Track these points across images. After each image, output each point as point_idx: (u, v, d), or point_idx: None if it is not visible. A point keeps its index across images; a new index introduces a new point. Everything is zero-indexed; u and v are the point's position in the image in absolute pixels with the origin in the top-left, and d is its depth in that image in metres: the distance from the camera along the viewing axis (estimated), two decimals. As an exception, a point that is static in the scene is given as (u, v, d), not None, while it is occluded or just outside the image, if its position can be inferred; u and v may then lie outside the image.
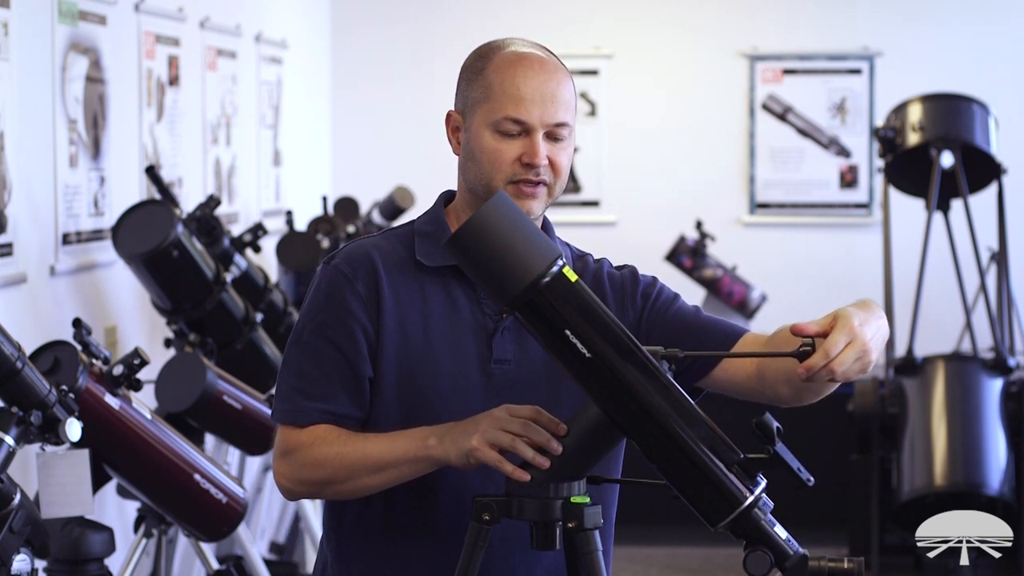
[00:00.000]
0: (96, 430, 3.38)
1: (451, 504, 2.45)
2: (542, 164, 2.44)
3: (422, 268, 2.49)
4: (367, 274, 2.47)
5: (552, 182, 2.48)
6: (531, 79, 2.45)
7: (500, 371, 2.47)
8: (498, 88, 2.45)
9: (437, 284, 2.49)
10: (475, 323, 2.48)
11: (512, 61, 2.47)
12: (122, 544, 4.39)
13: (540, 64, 2.47)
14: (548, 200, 2.49)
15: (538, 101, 2.44)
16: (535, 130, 2.44)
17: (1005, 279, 6.71)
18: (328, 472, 2.42)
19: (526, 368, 2.48)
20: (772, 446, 2.18)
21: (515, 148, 2.45)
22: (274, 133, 7.07)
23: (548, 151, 2.46)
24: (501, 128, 2.44)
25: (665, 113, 8.42)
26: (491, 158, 2.45)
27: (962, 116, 6.57)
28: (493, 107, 2.45)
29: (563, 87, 2.47)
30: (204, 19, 5.93)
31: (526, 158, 2.44)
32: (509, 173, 2.45)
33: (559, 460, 2.29)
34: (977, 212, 6.61)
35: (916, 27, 8.33)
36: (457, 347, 2.46)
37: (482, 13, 8.42)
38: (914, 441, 6.11)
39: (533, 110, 2.44)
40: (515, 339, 2.48)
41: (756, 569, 2.20)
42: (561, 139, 2.47)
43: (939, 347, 6.90)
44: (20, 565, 3.01)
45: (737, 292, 7.42)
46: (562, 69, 2.50)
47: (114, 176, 4.93)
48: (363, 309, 2.45)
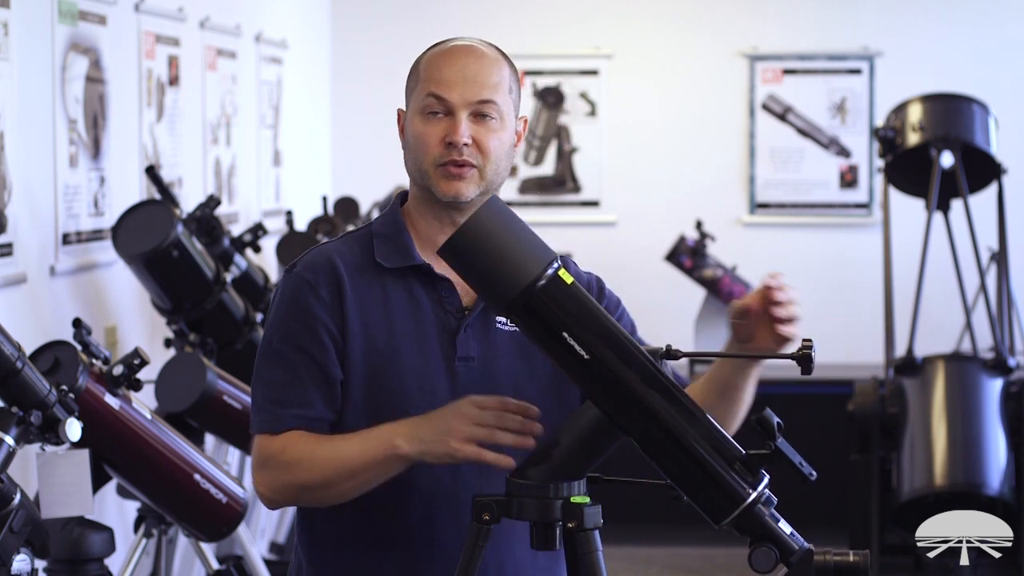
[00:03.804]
0: (96, 430, 3.38)
1: (424, 511, 2.46)
2: (462, 142, 2.45)
3: (383, 270, 2.51)
4: (329, 280, 2.48)
5: (482, 164, 2.48)
6: (454, 62, 2.49)
7: (465, 369, 2.48)
8: (424, 75, 2.51)
9: (399, 285, 2.50)
10: (438, 322, 2.49)
11: (440, 51, 2.52)
12: (122, 544, 4.39)
13: (467, 50, 2.51)
14: (481, 183, 2.49)
15: (459, 81, 2.47)
16: (457, 109, 2.46)
17: (1005, 279, 6.70)
18: (303, 476, 2.42)
19: (491, 365, 2.49)
20: (773, 441, 2.18)
21: (440, 129, 2.47)
22: (274, 133, 7.07)
23: (474, 131, 2.47)
24: (426, 109, 2.48)
25: (665, 113, 8.42)
26: (419, 142, 2.49)
27: (962, 116, 6.56)
28: (420, 92, 2.50)
29: (489, 69, 2.49)
30: (204, 19, 5.93)
31: (448, 137, 2.46)
32: (436, 155, 2.47)
33: (560, 459, 2.29)
34: (977, 212, 6.60)
35: (916, 27, 8.33)
36: (421, 346, 2.48)
37: (482, 13, 8.42)
38: (914, 441, 6.10)
39: (454, 88, 2.47)
40: (479, 337, 2.50)
41: (761, 565, 2.20)
42: (488, 119, 2.48)
43: (939, 347, 6.90)
44: (20, 565, 3.01)
45: (737, 292, 7.42)
46: (493, 57, 2.51)
47: (114, 176, 4.93)
48: (328, 314, 2.46)
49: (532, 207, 8.17)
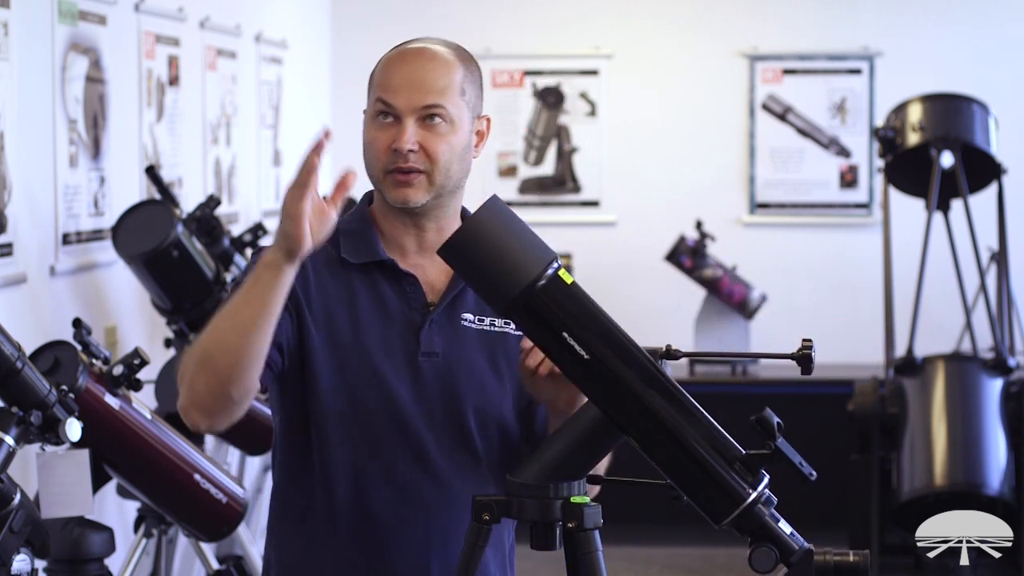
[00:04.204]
0: (96, 430, 3.38)
1: (386, 496, 2.47)
2: (406, 148, 2.44)
3: (348, 265, 2.51)
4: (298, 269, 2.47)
5: (430, 169, 2.47)
6: (402, 67, 2.48)
7: (429, 364, 2.49)
8: (376, 80, 2.51)
9: (364, 281, 2.51)
10: (403, 318, 2.50)
11: (391, 56, 2.52)
12: (122, 544, 4.39)
13: (416, 54, 2.50)
14: (431, 189, 2.48)
15: (405, 86, 2.46)
16: (403, 115, 2.45)
17: (1005, 279, 6.71)
18: (201, 350, 2.32)
19: (455, 361, 2.50)
20: (773, 441, 2.18)
21: (388, 136, 2.46)
22: (274, 133, 7.06)
23: (421, 137, 2.46)
24: (376, 115, 2.48)
25: (665, 113, 8.42)
26: (369, 148, 2.49)
27: (962, 116, 6.57)
28: (371, 97, 2.50)
29: (437, 73, 2.47)
30: (204, 19, 5.93)
31: (394, 144, 2.45)
32: (385, 162, 2.47)
33: (560, 459, 2.30)
34: (977, 212, 6.61)
35: (916, 27, 8.33)
36: (385, 341, 2.48)
37: (482, 13, 8.42)
38: (914, 441, 6.11)
39: (400, 94, 2.46)
40: (443, 333, 2.50)
41: (762, 565, 2.20)
42: (437, 124, 2.46)
43: (939, 347, 6.90)
44: (20, 565, 3.01)
45: (737, 292, 7.42)
46: (445, 59, 2.49)
47: (114, 176, 4.93)
48: (293, 290, 2.42)
49: (532, 207, 8.17)
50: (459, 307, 2.52)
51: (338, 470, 2.48)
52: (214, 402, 2.33)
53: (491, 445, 2.52)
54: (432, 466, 2.48)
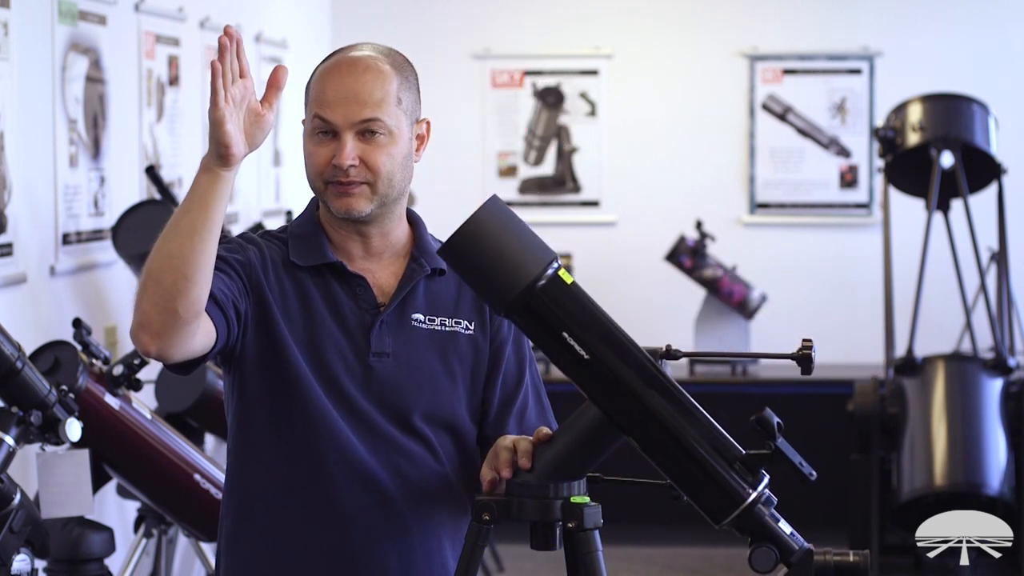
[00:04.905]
0: (96, 430, 3.39)
1: (346, 484, 2.49)
2: (347, 164, 2.46)
3: (299, 268, 2.54)
4: (258, 254, 2.53)
5: (372, 180, 2.49)
6: (336, 81, 2.50)
7: (379, 364, 2.51)
8: (312, 94, 2.53)
9: (316, 282, 2.54)
10: (354, 318, 2.52)
11: (326, 68, 2.54)
12: (122, 544, 4.39)
13: (349, 67, 2.50)
14: (374, 198, 2.50)
15: (342, 102, 2.48)
16: (342, 131, 2.47)
17: (1005, 279, 6.70)
18: (146, 269, 2.31)
19: (406, 361, 2.52)
20: (773, 441, 2.18)
21: (328, 151, 2.49)
22: (274, 133, 7.07)
23: (361, 150, 2.47)
24: (315, 130, 2.50)
25: (665, 113, 8.42)
26: (310, 162, 2.52)
27: (962, 116, 6.56)
28: (309, 112, 2.52)
29: (371, 86, 2.48)
30: (204, 19, 5.93)
31: (334, 160, 2.47)
32: (326, 175, 2.50)
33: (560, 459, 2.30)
34: (977, 212, 6.60)
35: (916, 27, 8.33)
36: (336, 341, 2.50)
37: (482, 13, 8.42)
38: (914, 441, 6.10)
39: (337, 110, 2.48)
40: (394, 333, 2.53)
41: (761, 565, 2.20)
42: (375, 136, 2.48)
43: (939, 347, 6.90)
44: (20, 565, 3.02)
45: (737, 292, 7.42)
46: (378, 69, 2.50)
47: (114, 176, 4.93)
48: (252, 266, 2.49)
49: (532, 207, 8.17)
50: (409, 308, 2.55)
51: (295, 464, 2.50)
52: (162, 321, 2.28)
53: (444, 442, 2.54)
54: (386, 460, 2.50)
